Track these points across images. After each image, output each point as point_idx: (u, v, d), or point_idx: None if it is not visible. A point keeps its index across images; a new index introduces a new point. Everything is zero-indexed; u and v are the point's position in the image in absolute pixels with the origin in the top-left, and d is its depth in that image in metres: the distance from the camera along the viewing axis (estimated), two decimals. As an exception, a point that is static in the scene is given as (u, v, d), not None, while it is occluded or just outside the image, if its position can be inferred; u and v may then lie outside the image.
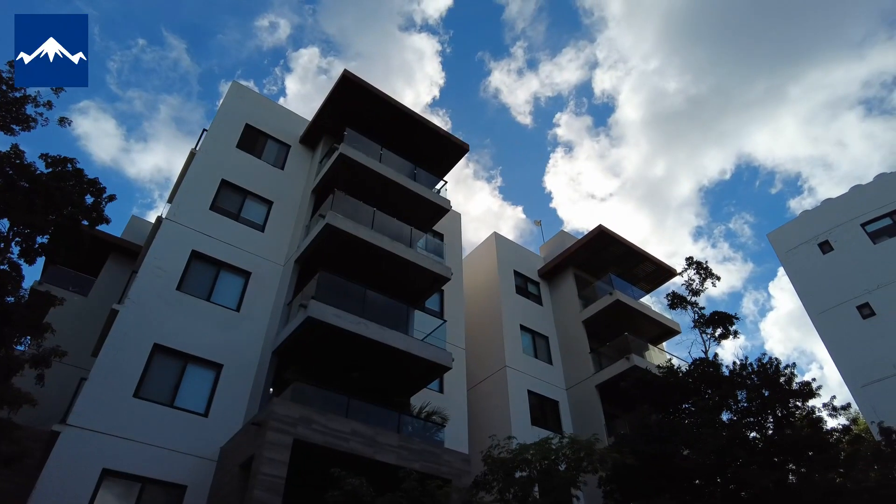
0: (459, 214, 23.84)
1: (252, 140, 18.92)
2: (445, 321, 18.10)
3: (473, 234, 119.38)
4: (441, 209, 18.96)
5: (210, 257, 15.39)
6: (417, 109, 20.85)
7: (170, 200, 18.39)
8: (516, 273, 24.89)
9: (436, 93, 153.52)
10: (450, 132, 20.72)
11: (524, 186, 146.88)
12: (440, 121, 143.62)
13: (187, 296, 14.35)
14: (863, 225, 24.81)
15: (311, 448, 11.43)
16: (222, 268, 15.54)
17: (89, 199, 13.04)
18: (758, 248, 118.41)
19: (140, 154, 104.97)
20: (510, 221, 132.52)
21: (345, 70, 18.51)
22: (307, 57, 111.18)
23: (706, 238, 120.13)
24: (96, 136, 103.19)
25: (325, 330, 13.46)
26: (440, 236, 21.76)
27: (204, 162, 17.15)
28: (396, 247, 15.96)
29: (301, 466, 11.49)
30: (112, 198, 13.30)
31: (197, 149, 18.19)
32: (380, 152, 18.54)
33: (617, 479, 14.08)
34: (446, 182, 20.45)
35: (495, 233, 25.60)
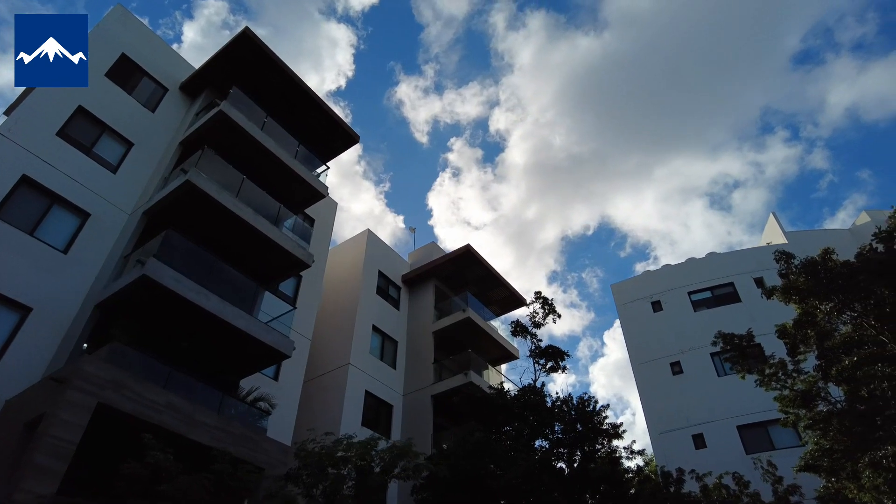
0: (336, 203, 23.40)
1: (125, 73, 17.15)
2: (295, 308, 17.61)
3: (350, 229, 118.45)
4: (317, 193, 18.48)
5: (44, 187, 13.65)
6: (319, 94, 20.10)
7: (6, 113, 16.14)
8: (381, 274, 24.90)
9: (342, 83, 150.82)
10: (344, 120, 20.33)
11: (409, 198, 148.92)
12: (341, 111, 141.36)
13: (5, 224, 12.60)
14: (689, 293, 28.08)
15: (117, 415, 10.50)
16: (57, 202, 13.86)
17: None
18: (602, 301, 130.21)
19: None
20: (388, 228, 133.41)
21: (246, 27, 17.48)
22: (214, 9, 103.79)
23: (559, 283, 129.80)
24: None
25: (160, 292, 12.46)
26: (311, 221, 21.17)
27: (60, 81, 15.22)
28: (260, 222, 15.28)
29: (101, 435, 10.51)
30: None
31: (55, 65, 16.12)
32: (264, 120, 17.67)
33: (431, 489, 14.50)
34: (329, 168, 20.04)
35: (368, 230, 25.45)
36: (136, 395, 10.90)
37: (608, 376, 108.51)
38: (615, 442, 16.52)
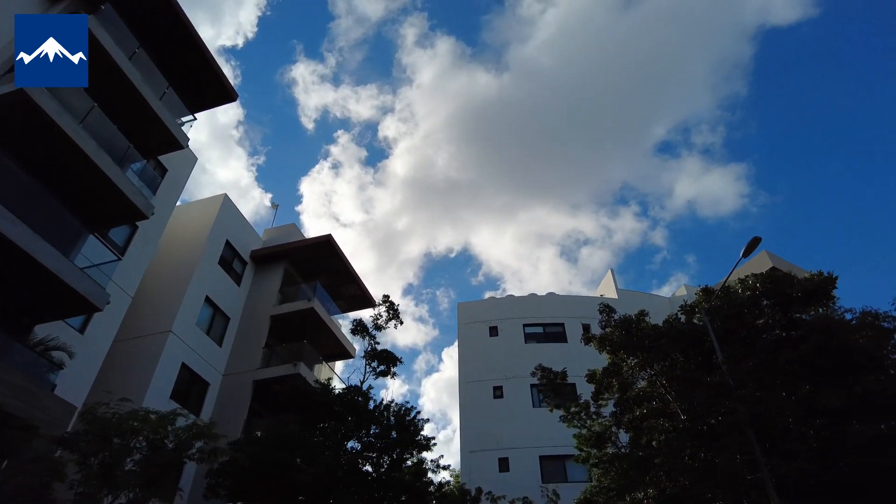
0: (196, 159, 21.74)
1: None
2: (120, 259, 16.03)
3: (210, 192, 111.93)
4: (175, 142, 16.98)
5: None
6: (210, 47, 18.35)
7: None
8: (228, 244, 23.49)
9: (239, 42, 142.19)
10: (225, 74, 19.04)
11: (282, 178, 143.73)
12: (230, 70, 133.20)
13: None
14: (524, 325, 29.95)
15: None
16: None
17: None
18: (448, 321, 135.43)
19: None
20: (252, 203, 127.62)
21: (136, -55, 15.79)
22: None
23: (413, 296, 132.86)
24: None
25: (-45, 208, 10.68)
26: (163, 171, 19.47)
27: None
28: (101, 157, 13.71)
29: None
30: None
31: None
32: (135, 50, 16.00)
33: (227, 474, 13.84)
34: (195, 119, 18.59)
35: (225, 195, 23.93)
36: None
37: (438, 392, 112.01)
38: (425, 454, 17.00)
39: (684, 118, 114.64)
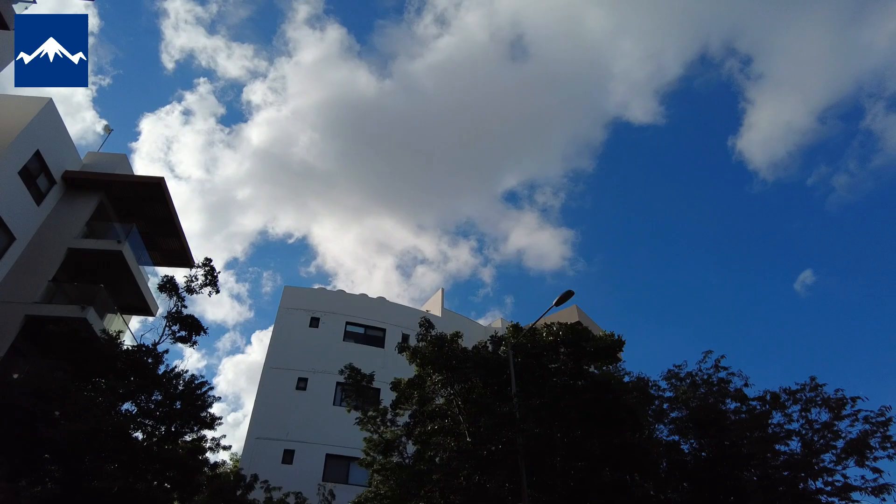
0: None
1: None
2: None
3: (32, 94, 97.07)
4: (-1, 23, 14.46)
5: None
6: None
7: None
8: (38, 154, 20.28)
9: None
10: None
11: (123, 107, 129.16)
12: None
13: None
14: (347, 322, 29.78)
15: None
16: None
17: None
18: (268, 307, 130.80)
19: None
20: (82, 125, 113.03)
21: None
22: None
23: (236, 272, 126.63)
24: None
25: None
26: (-25, 50, 16.38)
27: None
28: None
29: None
30: None
31: None
32: None
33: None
34: (36, 2, 16.00)
35: (51, 99, 20.75)
36: None
37: (238, 374, 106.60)
38: (207, 432, 16.00)
39: (533, 176, 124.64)
